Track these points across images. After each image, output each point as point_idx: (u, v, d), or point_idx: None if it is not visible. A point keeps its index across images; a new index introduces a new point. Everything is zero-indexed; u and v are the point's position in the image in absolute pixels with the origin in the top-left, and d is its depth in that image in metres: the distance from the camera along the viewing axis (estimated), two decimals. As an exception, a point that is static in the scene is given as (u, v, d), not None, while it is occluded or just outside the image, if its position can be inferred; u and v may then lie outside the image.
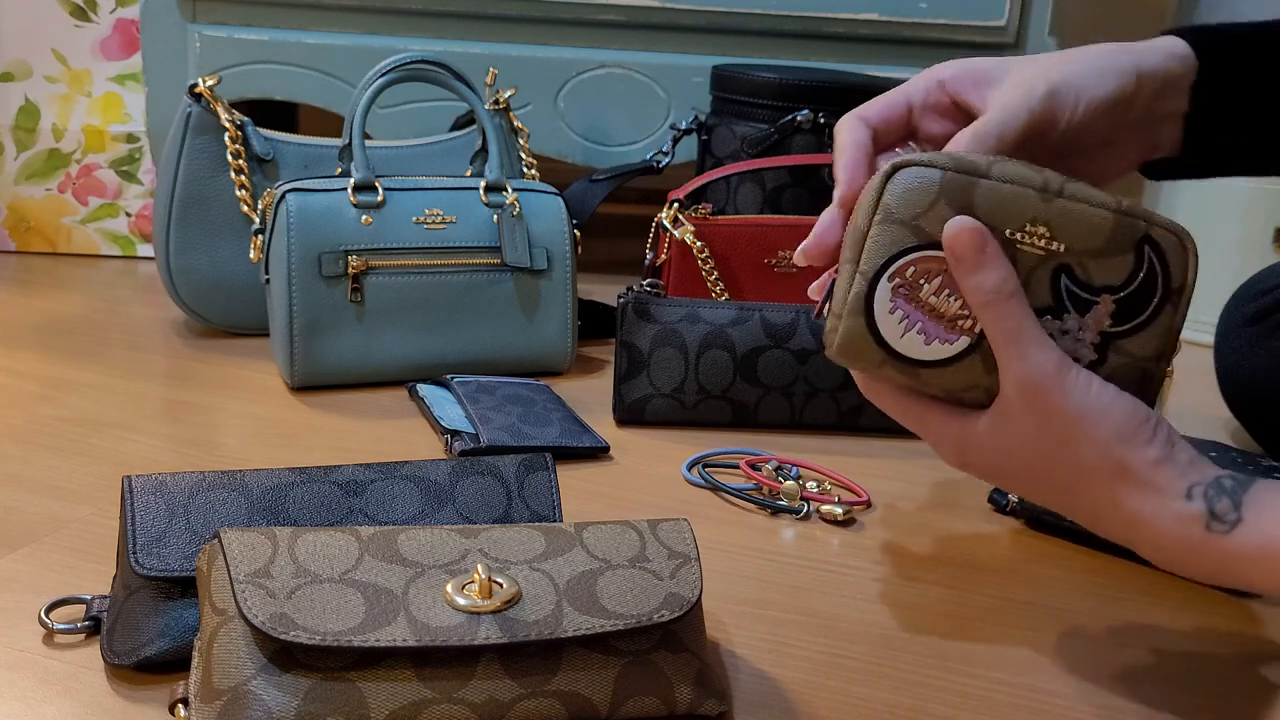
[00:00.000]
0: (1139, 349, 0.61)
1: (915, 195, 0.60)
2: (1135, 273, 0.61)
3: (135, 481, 0.63)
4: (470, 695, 0.55)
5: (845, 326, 0.62)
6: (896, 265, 0.60)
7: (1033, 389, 0.59)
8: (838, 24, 1.42)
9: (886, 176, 0.60)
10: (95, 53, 1.46)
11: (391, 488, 0.67)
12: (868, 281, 0.61)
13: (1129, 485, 0.58)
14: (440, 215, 1.08)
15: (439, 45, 1.41)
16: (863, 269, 0.61)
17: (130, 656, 0.61)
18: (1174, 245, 0.61)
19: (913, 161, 0.60)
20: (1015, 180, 0.60)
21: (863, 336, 0.61)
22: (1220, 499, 0.57)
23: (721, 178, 1.25)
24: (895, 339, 0.61)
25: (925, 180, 0.60)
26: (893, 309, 0.61)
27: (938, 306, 0.60)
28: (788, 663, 0.68)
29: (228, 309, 1.19)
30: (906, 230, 0.60)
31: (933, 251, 0.60)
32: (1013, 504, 0.87)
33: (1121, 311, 0.61)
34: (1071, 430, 0.58)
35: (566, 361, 1.14)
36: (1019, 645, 0.71)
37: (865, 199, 0.61)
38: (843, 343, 0.62)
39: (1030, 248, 0.60)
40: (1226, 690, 0.68)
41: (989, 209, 0.60)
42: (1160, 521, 0.58)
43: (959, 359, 0.61)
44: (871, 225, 0.60)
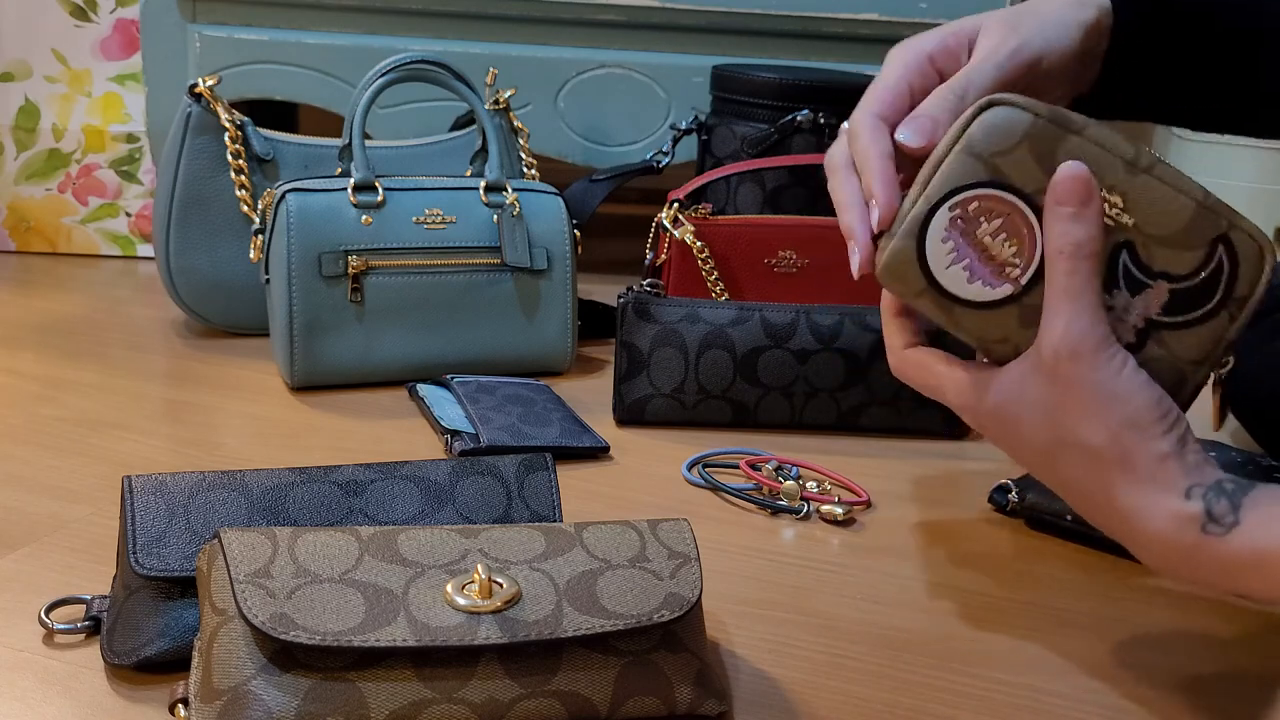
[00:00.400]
0: (1181, 347, 0.60)
1: (1001, 134, 0.59)
2: (1200, 268, 0.59)
3: (135, 481, 0.63)
4: (470, 695, 0.55)
5: (895, 245, 0.61)
6: (961, 196, 0.59)
7: (1069, 353, 0.57)
8: (838, 24, 1.42)
9: (980, 109, 0.60)
10: (95, 53, 1.46)
11: (391, 488, 0.67)
12: (929, 206, 0.60)
13: (1128, 476, 0.57)
14: (440, 215, 1.08)
15: (439, 45, 1.41)
16: (928, 193, 0.60)
17: (130, 656, 0.61)
18: (1252, 252, 0.60)
19: (1009, 101, 0.59)
20: (1105, 144, 0.59)
21: (910, 260, 0.60)
22: (1219, 500, 0.56)
23: (721, 178, 1.25)
24: (940, 269, 0.60)
25: (1015, 121, 0.59)
26: (945, 238, 0.60)
27: (991, 248, 0.60)
28: (788, 663, 0.68)
29: (228, 309, 1.19)
30: (982, 165, 0.59)
31: (1001, 193, 0.59)
32: (1013, 504, 0.87)
33: (1174, 303, 0.59)
34: (1088, 406, 0.57)
35: (566, 361, 1.14)
36: (1019, 645, 0.71)
37: (954, 127, 0.60)
38: (889, 260, 0.61)
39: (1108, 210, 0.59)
40: (1227, 690, 0.68)
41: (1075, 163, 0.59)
42: (1156, 518, 0.57)
43: (997, 305, 0.60)
44: (950, 153, 0.60)
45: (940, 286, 0.61)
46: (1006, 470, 0.93)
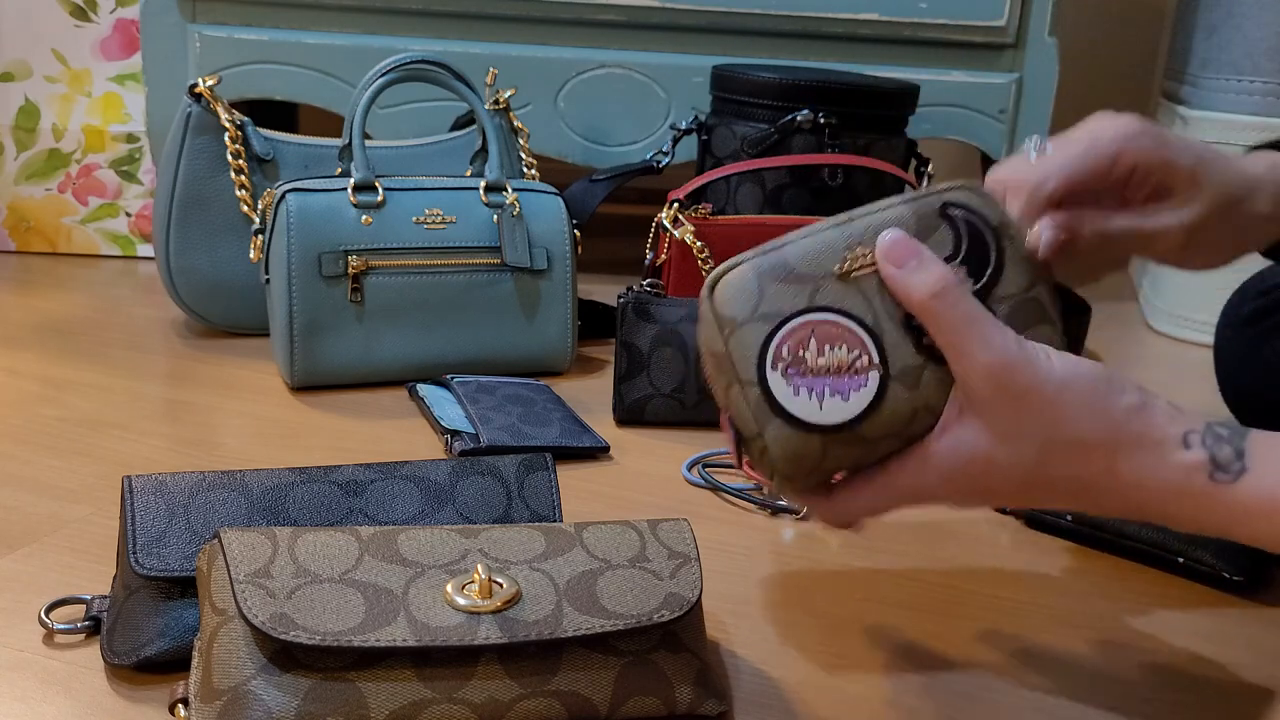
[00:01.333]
0: (1012, 288, 0.61)
1: (740, 292, 0.60)
2: (958, 236, 0.61)
3: (135, 481, 0.63)
4: (470, 695, 0.55)
5: (770, 437, 0.59)
6: (770, 354, 0.59)
7: (1003, 371, 0.57)
8: (838, 24, 1.42)
9: (708, 296, 0.61)
10: (95, 53, 1.46)
11: (391, 488, 0.67)
12: (757, 383, 0.59)
13: (1120, 450, 0.56)
14: (440, 215, 1.08)
15: (439, 45, 1.41)
16: (744, 379, 0.60)
17: (130, 656, 0.61)
18: (969, 196, 0.62)
19: (718, 272, 0.61)
20: (811, 232, 0.61)
21: (790, 434, 0.59)
22: (1221, 446, 0.55)
23: (721, 178, 1.25)
24: (817, 414, 0.59)
25: (740, 276, 0.60)
26: (795, 390, 0.59)
27: (830, 363, 0.59)
28: (788, 663, 0.68)
29: (228, 309, 1.19)
30: (757, 323, 0.60)
31: (791, 324, 0.59)
32: (1013, 504, 0.87)
33: (974, 270, 0.61)
34: (1054, 404, 0.57)
35: (566, 361, 1.14)
36: (1019, 645, 0.71)
37: (704, 333, 0.61)
38: (780, 453, 0.59)
39: (863, 269, 0.60)
40: (1227, 690, 0.68)
41: (806, 262, 0.60)
42: (1162, 476, 0.56)
43: (884, 393, 0.60)
44: (725, 342, 0.60)
45: (832, 427, 0.59)
46: (1006, 470, 0.93)
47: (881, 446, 0.61)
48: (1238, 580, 0.78)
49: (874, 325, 0.60)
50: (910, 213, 0.61)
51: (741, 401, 0.60)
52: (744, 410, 0.60)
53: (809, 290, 0.60)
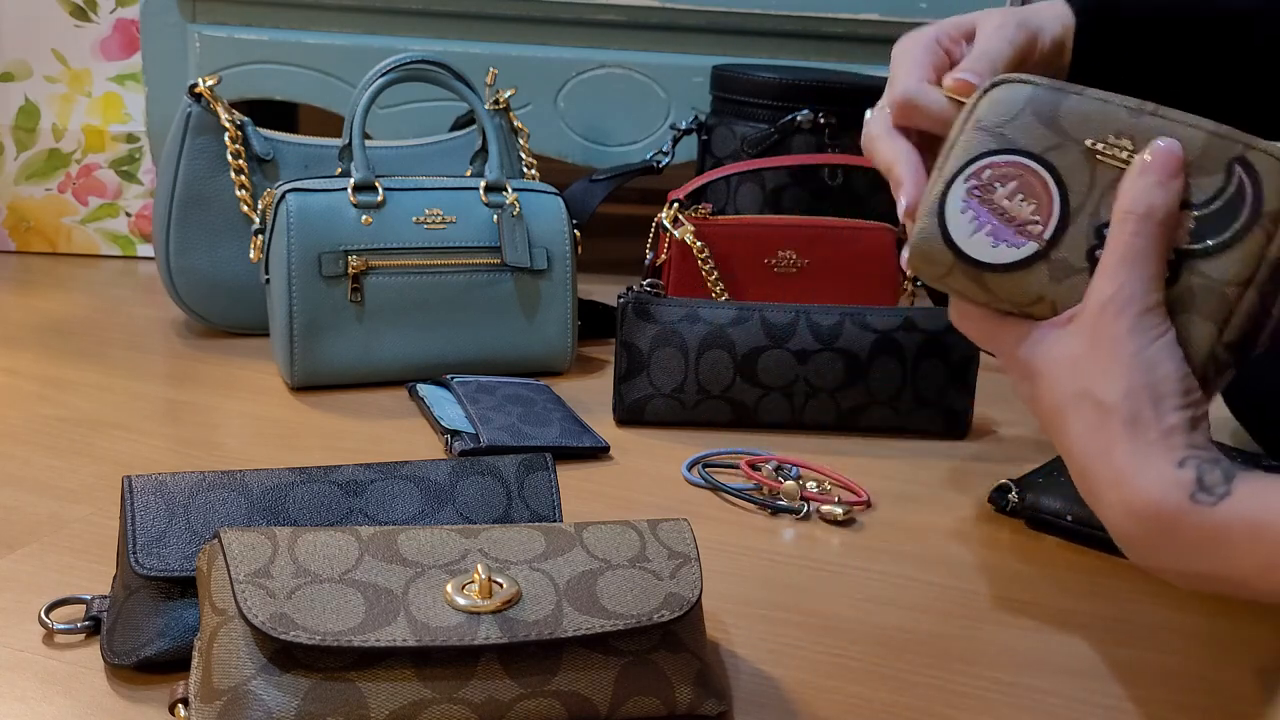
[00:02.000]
0: (1218, 271, 0.58)
1: (1004, 105, 0.62)
2: (1221, 191, 0.58)
3: (135, 481, 0.63)
4: (470, 695, 0.55)
5: (920, 226, 0.62)
6: (974, 167, 0.61)
7: (1114, 311, 0.57)
8: (838, 24, 1.42)
9: (984, 91, 0.63)
10: (95, 53, 1.46)
11: (391, 488, 0.67)
12: (945, 182, 0.62)
13: (1131, 437, 0.56)
14: (440, 215, 1.08)
15: (439, 45, 1.41)
16: (944, 172, 0.62)
17: (130, 656, 0.61)
18: (1273, 168, 0.58)
19: (1009, 79, 0.62)
20: (1105, 98, 0.61)
21: (935, 237, 0.62)
22: (1213, 471, 0.55)
23: (721, 178, 1.25)
24: (964, 239, 0.61)
25: (1015, 93, 0.62)
26: (964, 208, 0.61)
27: (1010, 210, 0.61)
28: (788, 663, 0.68)
29: (228, 309, 1.19)
30: (990, 136, 0.62)
31: (1012, 157, 0.61)
32: (1013, 504, 0.87)
33: (1201, 229, 0.58)
34: (1114, 362, 0.57)
35: (566, 361, 1.14)
36: (1019, 645, 0.71)
37: (962, 114, 0.63)
38: (916, 242, 0.63)
39: (1111, 160, 0.60)
40: (1227, 690, 0.68)
41: (1074, 120, 0.60)
42: (1144, 481, 0.56)
43: (1025, 265, 0.60)
44: (961, 133, 0.63)
45: (966, 256, 0.61)
46: (1006, 470, 0.93)
47: (998, 299, 0.62)
48: (1238, 580, 0.78)
49: (1074, 209, 0.60)
50: (1202, 139, 0.59)
51: (931, 186, 0.63)
52: (926, 195, 0.63)
53: (1053, 143, 0.61)
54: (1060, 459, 0.93)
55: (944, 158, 0.63)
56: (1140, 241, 0.58)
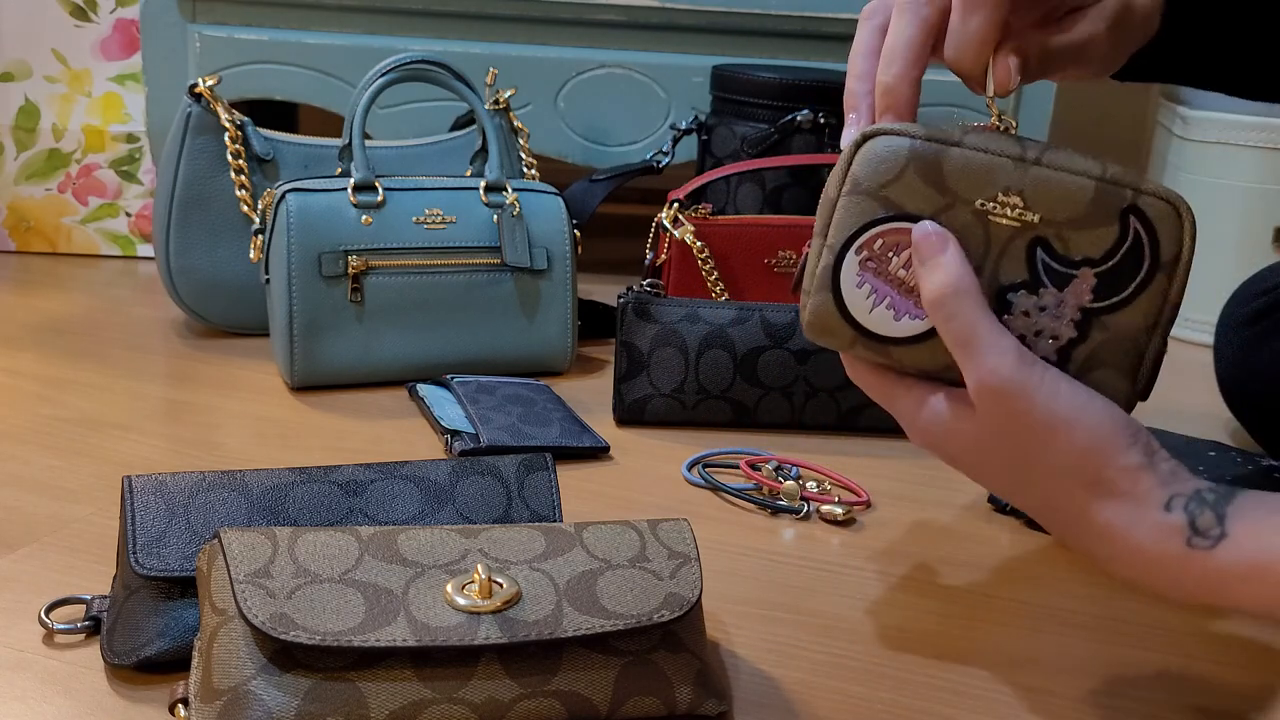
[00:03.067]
0: (1125, 325, 0.58)
1: (884, 165, 0.58)
2: (1119, 244, 0.57)
3: (135, 481, 0.63)
4: (470, 695, 0.55)
5: (814, 302, 0.60)
6: (864, 238, 0.58)
7: (993, 394, 0.56)
8: (838, 24, 1.42)
9: (856, 146, 0.59)
10: (95, 53, 1.46)
11: (391, 488, 0.67)
12: (834, 255, 0.59)
13: (1103, 495, 0.55)
14: (440, 215, 1.08)
15: (439, 45, 1.41)
16: (830, 242, 0.59)
17: (130, 656, 0.61)
18: (1165, 213, 0.57)
19: (882, 130, 0.58)
20: (989, 149, 0.58)
21: (831, 313, 0.60)
22: (1203, 512, 0.53)
23: (721, 178, 1.25)
24: (864, 315, 0.59)
25: (894, 149, 0.58)
26: (860, 283, 0.59)
27: (906, 280, 0.58)
28: (788, 663, 0.68)
29: (228, 309, 1.19)
30: (875, 201, 0.58)
31: (902, 224, 0.58)
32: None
33: (1104, 286, 0.58)
34: (1041, 436, 0.55)
35: (566, 361, 1.14)
36: (1019, 645, 0.71)
37: (836, 170, 0.59)
38: (812, 319, 0.60)
39: (1004, 219, 0.58)
40: (1227, 690, 0.68)
41: (959, 177, 0.58)
42: (1137, 533, 0.54)
43: (930, 336, 0.59)
44: (840, 196, 0.59)
45: (869, 332, 0.60)
46: (1006, 470, 0.93)
47: (907, 368, 0.60)
48: (1238, 580, 0.78)
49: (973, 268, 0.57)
50: (1092, 191, 0.57)
51: (815, 256, 0.60)
52: (813, 263, 0.60)
53: (942, 204, 0.58)
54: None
55: (824, 220, 0.60)
56: (960, 320, 0.56)
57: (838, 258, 0.59)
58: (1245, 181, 1.36)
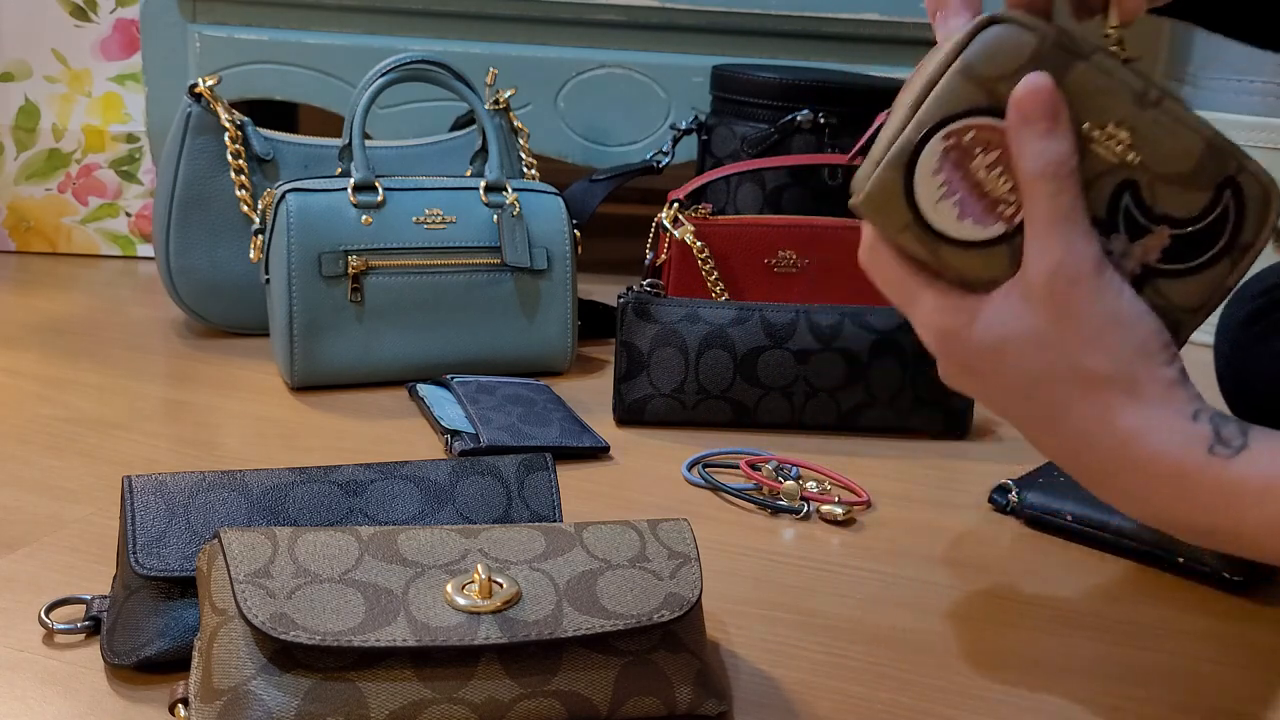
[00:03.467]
0: (1178, 296, 0.56)
1: (1003, 54, 0.53)
2: (1206, 213, 0.55)
3: (135, 481, 0.63)
4: (470, 695, 0.55)
5: (881, 175, 0.55)
6: (957, 125, 0.54)
7: (1067, 280, 0.53)
8: (838, 24, 1.42)
9: (980, 26, 0.54)
10: (95, 53, 1.46)
11: (391, 488, 0.67)
12: (921, 132, 0.54)
13: (1136, 400, 0.54)
14: (440, 215, 1.08)
15: (439, 45, 1.41)
16: (921, 116, 0.54)
17: (130, 656, 0.61)
18: (1258, 196, 0.55)
19: (1012, 19, 0.54)
20: (1114, 74, 0.54)
21: (896, 192, 0.55)
22: (1227, 424, 0.53)
23: (721, 178, 1.25)
24: (928, 205, 0.55)
25: (1019, 42, 0.53)
26: (937, 170, 0.55)
27: (985, 183, 0.55)
28: (788, 663, 0.68)
29: (228, 309, 1.19)
30: (981, 90, 0.54)
31: (1001, 121, 0.54)
32: (1012, 504, 0.87)
33: (1175, 249, 0.55)
34: (1094, 333, 0.54)
35: (566, 361, 1.14)
36: (1019, 645, 0.71)
37: (948, 45, 0.55)
38: (872, 191, 0.55)
39: (1105, 150, 0.55)
40: (1227, 690, 0.68)
41: (1077, 94, 0.54)
42: (1160, 438, 0.54)
43: (988, 246, 0.55)
44: (946, 72, 0.54)
45: (926, 223, 0.55)
46: (1006, 470, 0.93)
47: (948, 275, 0.57)
48: (1238, 580, 0.78)
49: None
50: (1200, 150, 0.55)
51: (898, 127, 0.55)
52: (892, 132, 0.55)
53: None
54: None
55: (920, 91, 0.55)
56: (1063, 200, 0.53)
57: (924, 136, 0.54)
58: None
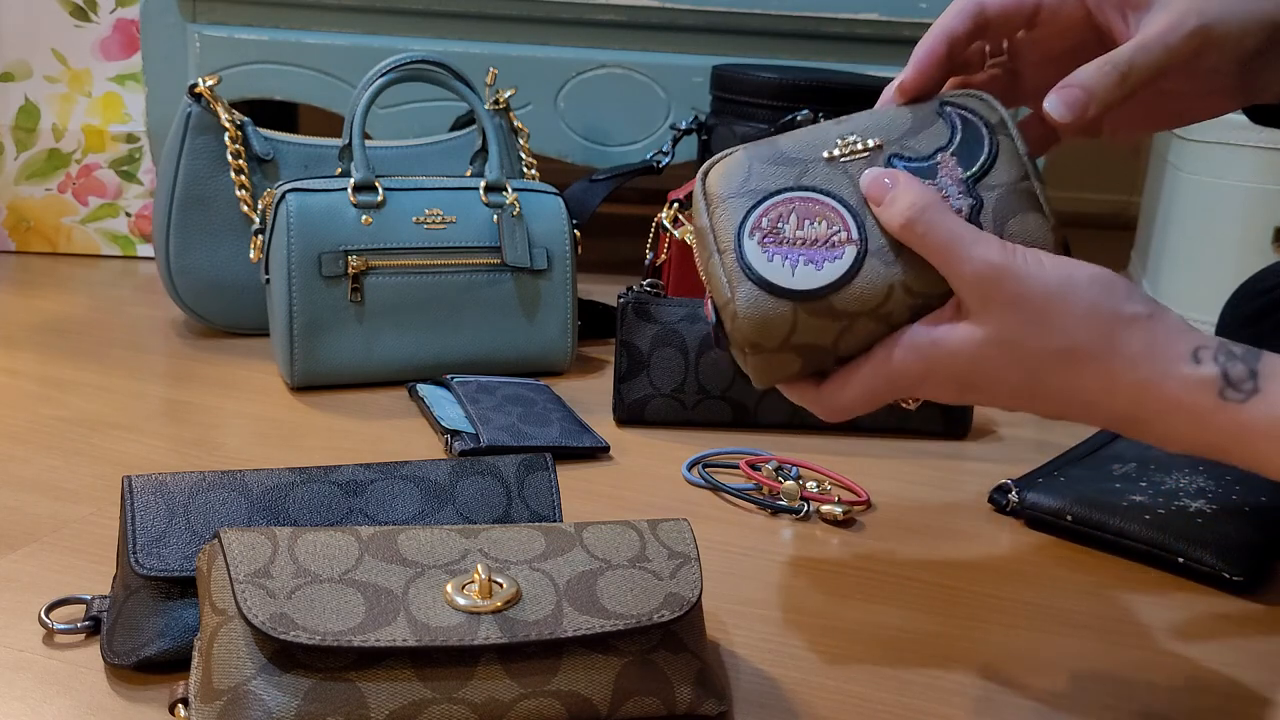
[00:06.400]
0: (1004, 176, 0.61)
1: (731, 171, 0.62)
2: (954, 129, 0.63)
3: (135, 481, 0.63)
4: (470, 695, 0.55)
5: (741, 295, 0.60)
6: (749, 224, 0.61)
7: (989, 282, 0.56)
8: (838, 24, 1.42)
9: (702, 178, 0.63)
10: (95, 53, 1.46)
11: (391, 488, 0.67)
12: (734, 249, 0.60)
13: (1122, 357, 0.54)
14: (440, 215, 1.08)
15: (439, 45, 1.41)
16: (722, 247, 0.61)
17: (130, 656, 0.61)
18: (969, 98, 0.64)
19: (715, 158, 0.63)
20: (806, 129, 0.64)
21: (761, 295, 0.59)
22: (1234, 364, 0.53)
23: (721, 178, 1.24)
24: (789, 279, 0.60)
25: (733, 159, 0.63)
26: (770, 257, 0.60)
27: (808, 235, 0.60)
28: (788, 663, 0.68)
29: (228, 309, 1.19)
30: (740, 198, 0.61)
31: (775, 199, 0.61)
32: (1012, 504, 0.87)
33: (964, 158, 0.62)
34: (1043, 312, 0.55)
35: (566, 361, 1.14)
36: (1019, 645, 0.71)
37: (695, 213, 0.63)
38: (749, 312, 0.60)
39: (855, 155, 0.62)
40: (1227, 690, 0.68)
41: (798, 148, 0.62)
42: (1168, 387, 0.53)
43: (858, 267, 0.60)
44: (710, 215, 0.62)
45: (802, 293, 0.60)
46: (1006, 470, 0.93)
47: (859, 326, 0.60)
48: (1238, 580, 0.78)
49: (856, 205, 0.61)
50: (907, 112, 0.63)
51: (718, 268, 0.61)
52: (719, 276, 0.61)
53: (797, 171, 0.62)
54: (1059, 458, 0.93)
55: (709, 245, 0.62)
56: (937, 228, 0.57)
57: (738, 248, 0.60)
58: (1245, 181, 1.36)
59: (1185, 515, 0.82)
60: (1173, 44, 0.60)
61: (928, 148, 0.62)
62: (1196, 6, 0.61)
